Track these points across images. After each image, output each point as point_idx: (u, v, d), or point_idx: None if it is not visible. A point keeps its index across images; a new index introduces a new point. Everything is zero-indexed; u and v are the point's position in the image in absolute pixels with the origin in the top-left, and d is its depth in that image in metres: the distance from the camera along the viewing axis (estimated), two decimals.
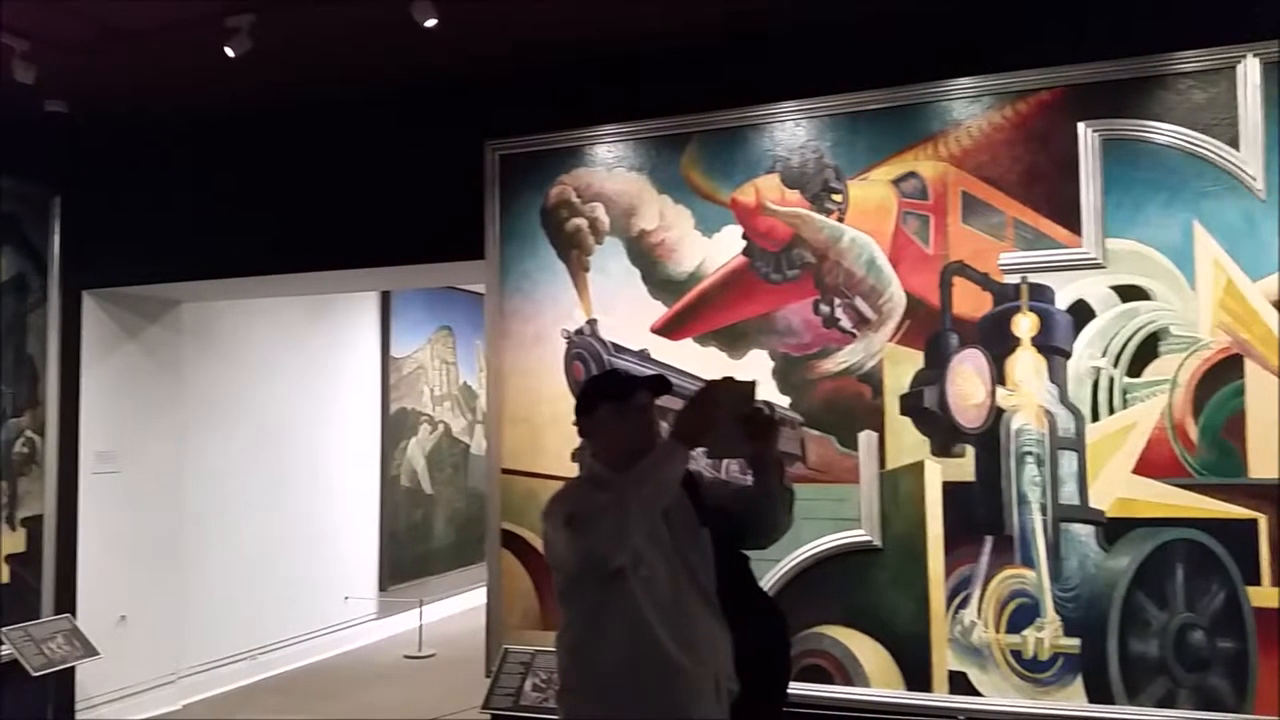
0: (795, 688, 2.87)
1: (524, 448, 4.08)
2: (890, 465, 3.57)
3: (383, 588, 7.33)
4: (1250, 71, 3.22)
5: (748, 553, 2.45)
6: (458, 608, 7.79)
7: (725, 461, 3.56)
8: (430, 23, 3.43)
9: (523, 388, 4.10)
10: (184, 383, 5.68)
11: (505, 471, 4.10)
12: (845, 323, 3.66)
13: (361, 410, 7.27)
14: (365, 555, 7.29)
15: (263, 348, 6.36)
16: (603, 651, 2.17)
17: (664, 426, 2.28)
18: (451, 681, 5.65)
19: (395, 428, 7.48)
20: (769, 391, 3.72)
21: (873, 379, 3.61)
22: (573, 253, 4.05)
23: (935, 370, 3.53)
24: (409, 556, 7.56)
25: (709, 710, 2.15)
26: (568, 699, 2.28)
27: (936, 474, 3.51)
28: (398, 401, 7.50)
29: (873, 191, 3.65)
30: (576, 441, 3.93)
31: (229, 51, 3.66)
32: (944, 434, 3.51)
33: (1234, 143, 3.24)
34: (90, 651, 4.80)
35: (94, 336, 5.18)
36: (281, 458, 6.45)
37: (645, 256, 3.96)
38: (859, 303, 3.65)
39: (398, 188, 4.47)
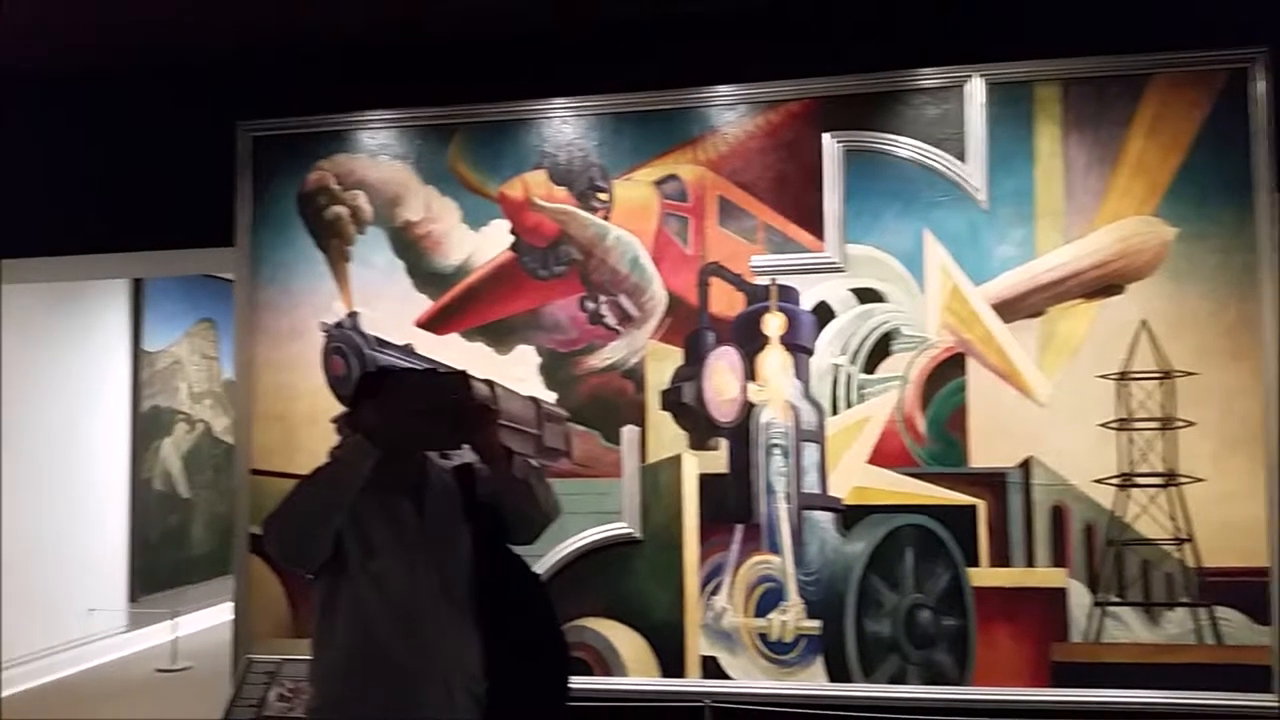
0: None
1: (277, 447, 3.89)
2: (651, 459, 3.65)
3: (133, 598, 6.81)
4: (976, 90, 3.50)
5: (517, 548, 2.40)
6: (221, 617, 7.36)
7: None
8: None
9: (276, 383, 3.91)
10: None
11: (255, 472, 3.90)
12: (610, 320, 3.71)
13: (108, 408, 6.72)
14: (113, 564, 6.74)
15: None
16: (329, 643, 2.16)
17: None
18: (204, 695, 5.31)
19: (147, 427, 6.95)
20: (536, 387, 3.73)
21: (635, 375, 3.68)
22: (332, 242, 3.91)
23: (693, 367, 3.63)
24: (164, 564, 7.06)
25: (434, 712, 2.11)
26: (309, 689, 2.25)
27: (693, 466, 3.62)
28: (150, 399, 6.98)
29: (636, 192, 3.72)
30: (334, 440, 3.80)
31: None
32: (701, 428, 3.62)
33: (961, 156, 3.50)
34: None
35: None
36: (10, 459, 5.87)
37: (410, 248, 3.87)
38: (623, 300, 3.70)
39: (140, 168, 4.15)
